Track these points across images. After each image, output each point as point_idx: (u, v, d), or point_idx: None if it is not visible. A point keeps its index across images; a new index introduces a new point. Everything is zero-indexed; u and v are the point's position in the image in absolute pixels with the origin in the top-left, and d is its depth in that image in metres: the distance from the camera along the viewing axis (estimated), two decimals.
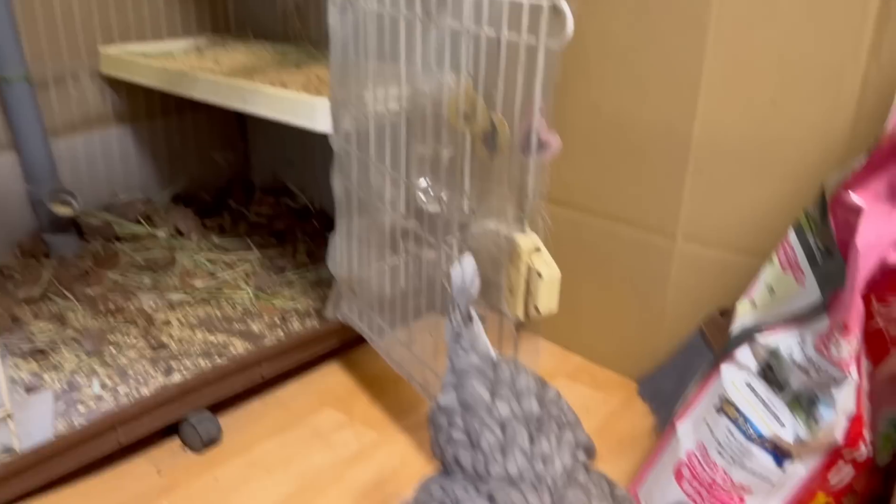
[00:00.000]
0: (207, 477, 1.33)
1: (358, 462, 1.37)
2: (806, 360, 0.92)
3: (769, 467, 0.97)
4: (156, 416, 1.33)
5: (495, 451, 0.77)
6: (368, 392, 1.56)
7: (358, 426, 1.46)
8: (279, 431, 1.44)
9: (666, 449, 1.11)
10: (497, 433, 0.79)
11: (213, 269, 1.81)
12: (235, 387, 1.44)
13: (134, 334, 1.57)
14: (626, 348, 1.60)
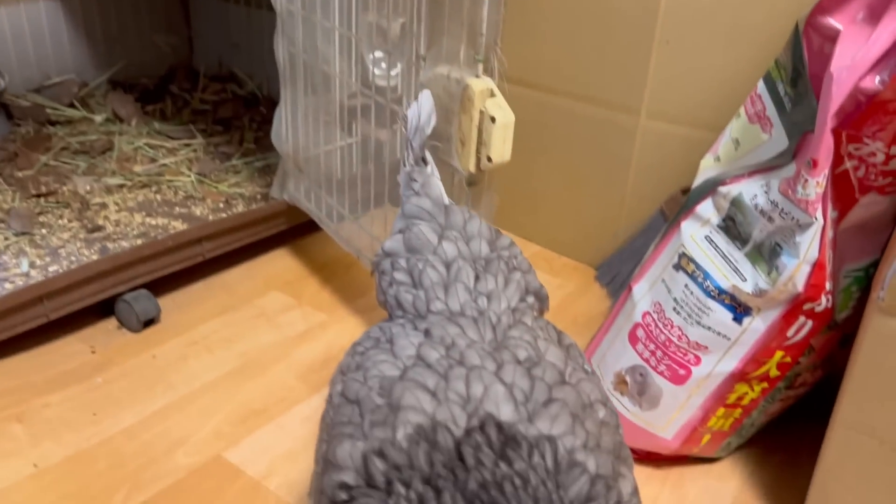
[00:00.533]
0: (145, 355, 1.27)
1: (305, 341, 1.32)
2: (770, 205, 0.88)
3: (727, 323, 0.93)
4: (87, 292, 1.26)
5: (437, 289, 0.72)
6: (318, 276, 1.50)
7: (306, 308, 1.41)
8: (222, 312, 1.38)
9: (620, 313, 1.07)
10: (440, 270, 0.73)
11: (154, 155, 1.71)
12: (174, 265, 1.36)
13: (67, 217, 1.47)
14: (585, 235, 1.55)
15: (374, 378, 0.61)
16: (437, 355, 0.61)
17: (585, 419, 0.57)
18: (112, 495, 1.00)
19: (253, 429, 1.13)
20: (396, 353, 0.63)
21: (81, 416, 1.13)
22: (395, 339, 0.66)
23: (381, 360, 0.63)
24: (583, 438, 0.56)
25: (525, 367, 0.60)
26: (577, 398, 0.59)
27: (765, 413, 1.03)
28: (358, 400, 0.60)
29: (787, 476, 1.08)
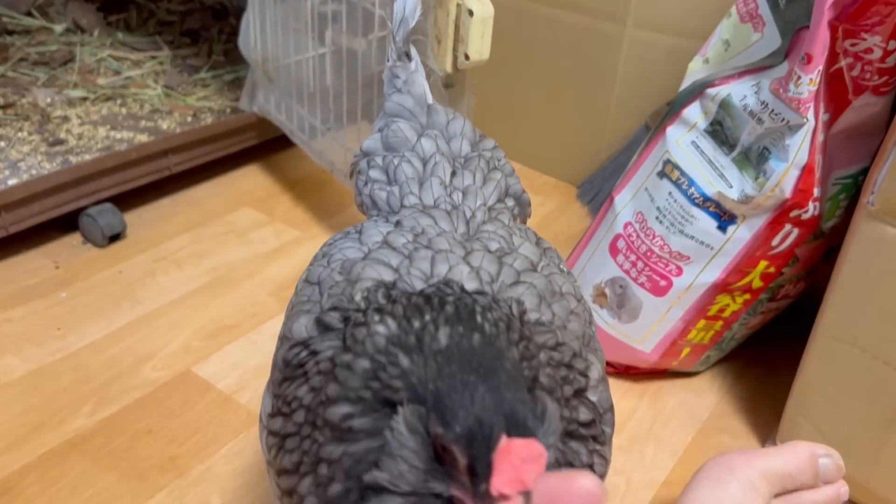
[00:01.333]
0: (111, 271, 1.22)
1: (277, 258, 1.28)
2: (760, 105, 0.84)
3: (711, 231, 0.90)
4: (48, 205, 1.20)
5: (411, 184, 0.68)
6: (291, 194, 1.45)
7: (279, 225, 1.36)
8: (191, 228, 1.33)
9: (601, 225, 1.03)
10: (416, 166, 0.69)
11: (118, 67, 1.63)
12: (140, 178, 1.31)
13: (27, 130, 1.40)
14: (567, 152, 1.51)
15: (337, 261, 0.58)
16: (403, 240, 0.58)
17: (553, 303, 0.55)
18: (78, 408, 0.97)
19: (223, 344, 1.10)
20: (363, 240, 0.60)
21: (45, 331, 1.09)
22: (364, 230, 0.62)
23: (346, 247, 0.60)
24: (549, 317, 0.53)
25: (496, 256, 0.57)
26: (548, 285, 0.56)
27: (746, 326, 1.02)
28: (319, 281, 0.57)
29: (765, 390, 1.07)
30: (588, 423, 0.50)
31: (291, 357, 0.51)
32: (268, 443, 0.52)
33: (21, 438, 0.93)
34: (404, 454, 0.39)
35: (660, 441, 0.99)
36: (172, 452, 0.93)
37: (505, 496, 0.35)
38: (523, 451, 0.36)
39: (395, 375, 0.40)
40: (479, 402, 0.37)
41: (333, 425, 0.43)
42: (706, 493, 0.76)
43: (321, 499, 0.44)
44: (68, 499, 0.86)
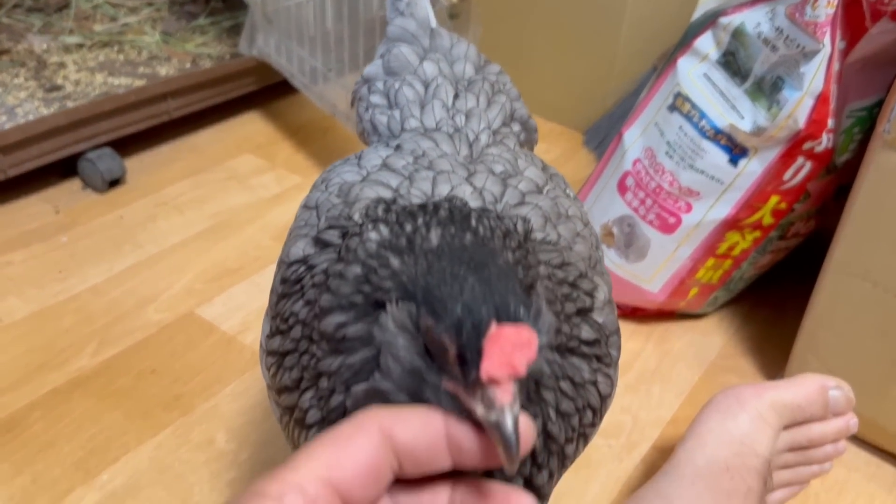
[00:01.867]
0: (111, 216, 1.21)
1: (279, 204, 1.26)
2: (775, 32, 0.81)
3: (722, 165, 0.89)
4: (46, 148, 1.18)
5: (412, 107, 0.66)
6: (293, 140, 1.43)
7: (280, 171, 1.34)
8: (192, 174, 1.32)
9: (609, 163, 1.02)
10: (418, 89, 0.67)
11: (115, 14, 1.60)
12: (139, 123, 1.28)
13: (23, 76, 1.37)
14: (573, 98, 1.48)
15: (335, 185, 0.56)
16: (403, 162, 0.56)
17: (559, 224, 0.53)
18: (81, 349, 0.97)
19: (226, 286, 1.09)
20: (362, 164, 0.58)
21: (46, 274, 1.08)
22: (364, 155, 0.61)
23: (345, 171, 0.58)
24: (554, 237, 0.52)
25: (500, 178, 0.55)
26: (553, 207, 0.55)
27: (755, 265, 1.00)
28: (317, 205, 0.55)
29: (772, 331, 1.06)
30: (591, 342, 0.49)
31: (290, 275, 0.50)
32: (267, 363, 0.51)
33: (25, 377, 0.92)
34: (394, 352, 0.38)
35: (666, 381, 0.98)
36: (177, 391, 0.92)
37: (495, 380, 0.34)
38: (513, 337, 0.35)
39: (385, 277, 0.39)
40: (468, 292, 0.36)
41: (329, 336, 0.42)
42: (715, 425, 0.75)
43: (323, 410, 0.44)
44: (74, 435, 0.86)
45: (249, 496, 0.30)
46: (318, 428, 0.45)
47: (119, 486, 0.81)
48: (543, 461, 0.45)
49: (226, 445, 0.86)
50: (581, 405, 0.47)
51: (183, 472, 0.83)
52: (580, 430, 0.47)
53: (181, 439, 0.87)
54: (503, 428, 0.33)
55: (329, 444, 0.33)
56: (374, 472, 0.33)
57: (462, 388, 0.36)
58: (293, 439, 0.48)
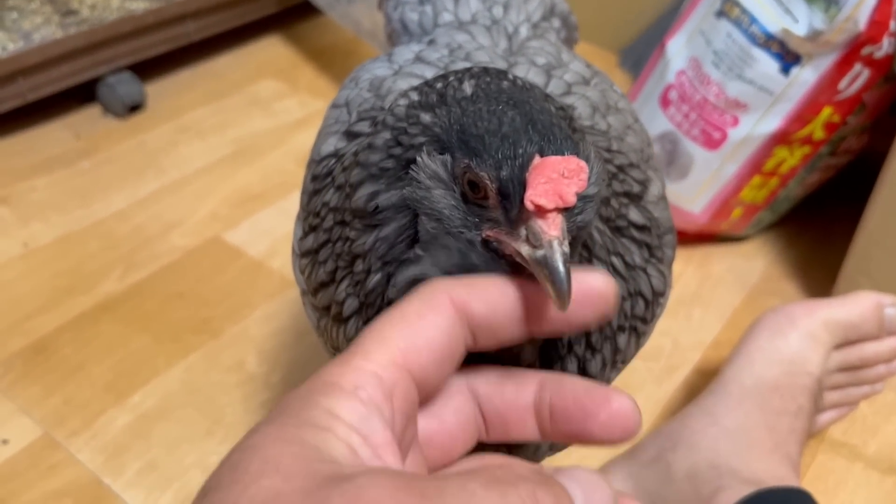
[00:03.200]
0: (132, 141, 1.18)
1: (302, 129, 1.23)
2: None
3: (772, 74, 0.83)
4: (65, 71, 1.15)
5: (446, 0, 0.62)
6: (315, 64, 1.38)
7: (303, 95, 1.30)
8: (213, 99, 1.28)
9: (650, 76, 0.96)
10: None
11: None
12: (158, 47, 1.24)
13: (38, 1, 1.33)
14: (607, 17, 1.41)
15: (366, 81, 0.52)
16: (438, 55, 0.53)
17: (608, 115, 0.49)
18: (107, 273, 0.95)
19: (252, 212, 1.06)
20: (394, 60, 0.54)
21: (70, 200, 1.06)
22: (395, 52, 0.57)
23: (375, 67, 0.54)
24: (604, 127, 0.48)
25: (543, 69, 0.51)
26: (602, 98, 0.51)
27: (802, 184, 0.96)
28: (346, 102, 0.52)
29: (817, 254, 1.02)
30: (641, 227, 0.45)
31: (320, 170, 0.47)
32: (301, 266, 0.48)
33: (52, 301, 0.91)
34: (429, 208, 0.35)
35: (707, 304, 0.95)
36: (205, 315, 0.91)
37: (541, 208, 0.31)
38: (561, 165, 0.31)
39: (416, 133, 0.36)
40: (508, 125, 0.33)
41: (360, 212, 0.38)
42: (765, 343, 0.72)
43: (360, 296, 0.41)
44: (103, 358, 0.85)
45: (321, 387, 0.27)
46: (356, 318, 0.42)
47: (151, 408, 0.80)
48: (598, 343, 0.43)
49: (257, 368, 0.85)
50: (633, 290, 0.44)
51: (214, 394, 0.82)
52: (632, 322, 0.45)
53: (211, 362, 0.85)
54: (550, 261, 0.30)
55: (399, 324, 0.29)
56: (450, 352, 0.30)
57: (504, 231, 0.33)
58: (332, 340, 0.45)
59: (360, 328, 0.42)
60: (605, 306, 0.32)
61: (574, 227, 0.34)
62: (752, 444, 0.65)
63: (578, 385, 0.32)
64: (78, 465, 0.75)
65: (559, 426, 0.32)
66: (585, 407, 0.31)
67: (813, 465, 0.78)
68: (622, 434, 0.31)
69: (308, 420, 0.26)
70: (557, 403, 0.31)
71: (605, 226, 0.42)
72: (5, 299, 0.91)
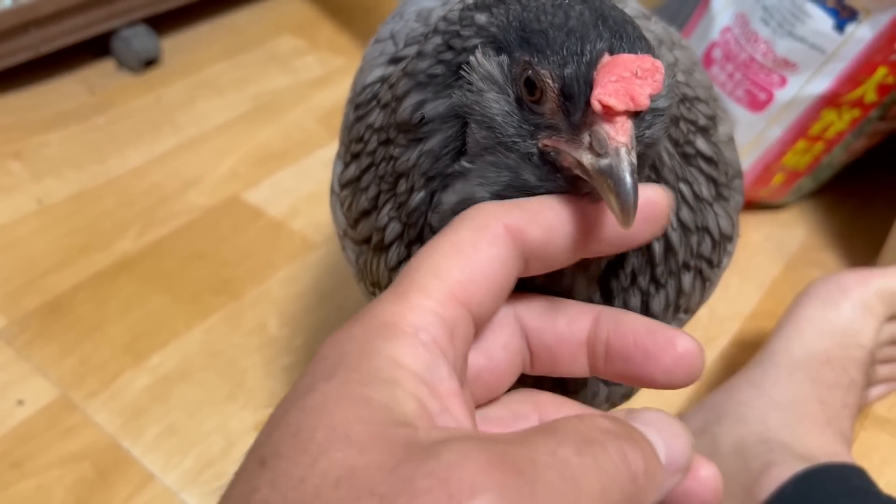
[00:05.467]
0: (148, 97, 1.15)
1: (323, 87, 1.19)
2: None
3: (826, 32, 0.79)
4: (78, 24, 1.11)
5: None
6: (335, 20, 1.34)
7: (323, 52, 1.26)
8: (231, 55, 1.24)
9: (693, 33, 0.92)
10: None
11: None
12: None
13: None
14: None
15: (412, 13, 0.49)
16: None
17: (675, 49, 0.46)
18: (124, 231, 0.92)
19: (272, 171, 1.03)
20: None
21: (85, 156, 1.03)
22: None
23: (422, 0, 0.50)
24: (671, 59, 0.44)
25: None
26: (666, 33, 0.47)
27: (847, 150, 0.91)
28: (392, 35, 0.48)
29: (858, 224, 0.98)
30: (708, 159, 0.41)
31: (363, 98, 0.43)
32: (341, 199, 0.45)
33: (68, 259, 0.88)
34: (480, 113, 0.31)
35: (745, 273, 0.92)
36: (225, 276, 0.88)
37: (609, 110, 0.27)
38: (633, 63, 0.28)
39: (470, 35, 0.32)
40: (575, 18, 0.29)
41: (405, 124, 0.35)
42: (815, 313, 0.69)
43: (403, 218, 0.38)
44: (121, 317, 0.82)
45: (378, 329, 0.25)
46: (397, 244, 0.39)
47: (170, 370, 0.78)
48: (663, 277, 0.40)
49: (279, 331, 0.82)
50: (700, 223, 0.41)
51: (235, 356, 0.79)
52: (697, 262, 0.42)
53: (232, 324, 0.83)
54: (617, 172, 0.27)
55: (453, 254, 0.27)
56: (506, 283, 0.28)
57: (564, 139, 0.29)
58: (371, 275, 0.42)
59: (401, 255, 0.39)
60: (662, 221, 0.29)
61: (642, 143, 0.31)
62: (804, 418, 0.61)
63: (639, 323, 0.29)
64: (95, 428, 0.73)
65: (615, 366, 0.29)
66: (647, 348, 0.28)
67: (857, 441, 0.75)
68: (685, 379, 0.28)
69: (372, 373, 0.23)
70: (615, 342, 0.29)
71: (675, 150, 0.39)
72: (20, 256, 0.88)
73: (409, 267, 0.27)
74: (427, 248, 0.28)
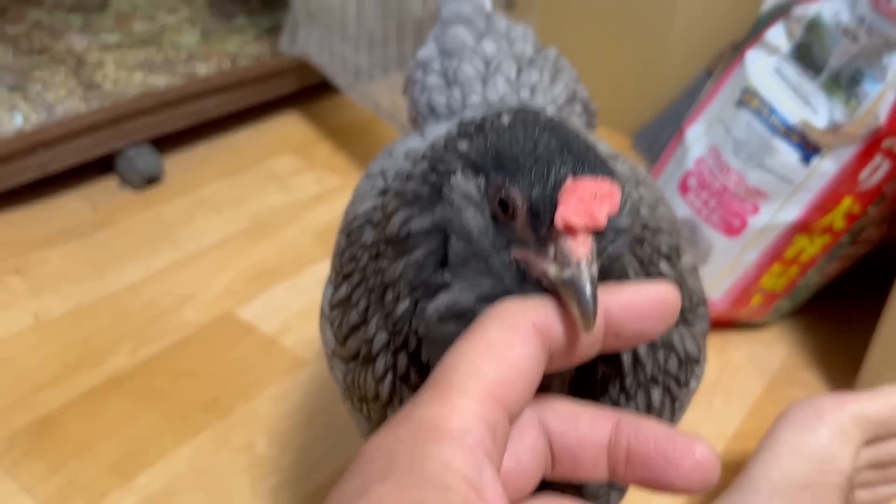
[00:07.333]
0: (148, 213, 1.19)
1: (319, 205, 1.23)
2: (856, 21, 0.77)
3: (793, 165, 0.84)
4: (85, 144, 1.17)
5: (474, 83, 0.63)
6: (332, 140, 1.40)
7: (319, 171, 1.31)
8: (230, 173, 1.29)
9: (669, 162, 0.97)
10: (478, 65, 0.64)
11: (153, 13, 1.58)
12: (178, 121, 1.26)
13: (63, 73, 1.36)
14: (621, 100, 1.44)
15: (401, 152, 0.53)
16: None
17: (639, 185, 0.49)
18: (118, 348, 0.94)
19: (266, 287, 1.05)
20: (426, 134, 0.55)
21: (83, 271, 1.06)
22: (426, 129, 0.58)
23: (409, 140, 0.55)
24: (636, 197, 0.47)
25: None
26: (632, 173, 0.51)
27: (822, 273, 0.95)
28: (382, 171, 0.51)
29: (838, 343, 1.00)
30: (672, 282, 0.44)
31: (355, 226, 0.46)
32: (330, 319, 0.47)
33: (61, 376, 0.89)
34: (459, 227, 0.35)
35: (728, 393, 0.93)
36: (215, 394, 0.89)
37: (571, 228, 0.31)
38: (593, 186, 0.32)
39: (452, 160, 0.37)
40: (542, 147, 0.33)
41: (393, 238, 0.39)
42: (792, 437, 0.70)
43: (389, 326, 0.40)
44: (110, 436, 0.83)
45: (427, 432, 0.25)
46: (384, 353, 0.41)
47: (157, 490, 0.78)
48: (632, 388, 0.42)
49: (267, 450, 0.82)
50: (665, 340, 0.44)
51: (222, 476, 0.80)
52: (665, 378, 0.44)
53: (220, 443, 0.83)
54: (578, 283, 0.30)
55: (488, 354, 0.28)
56: (536, 380, 0.29)
57: (533, 251, 0.33)
58: (359, 389, 0.44)
59: (388, 363, 0.41)
60: (670, 314, 0.32)
61: (605, 258, 0.34)
62: None
63: (659, 430, 0.30)
64: None
65: (636, 471, 0.30)
66: (668, 454, 0.29)
67: None
68: (702, 485, 0.30)
69: (426, 477, 0.24)
70: (637, 447, 0.30)
71: (640, 268, 0.42)
72: (13, 373, 0.90)
73: (444, 367, 0.28)
74: (460, 346, 0.29)
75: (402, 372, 0.41)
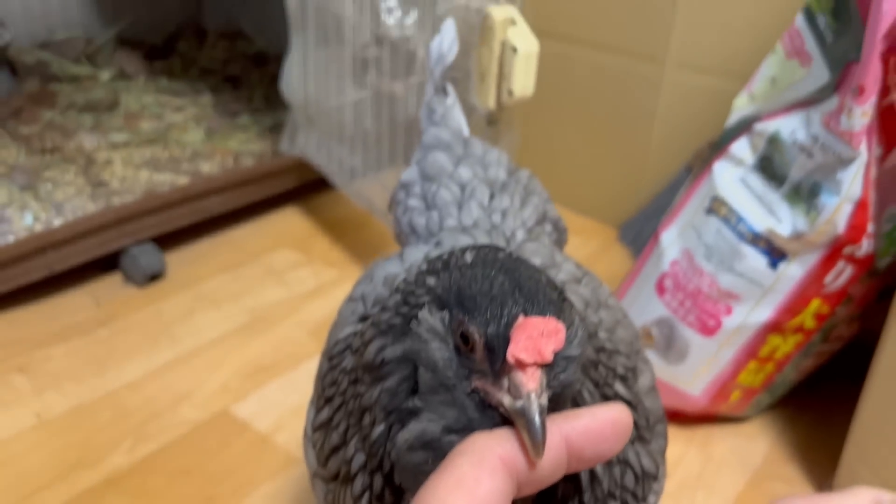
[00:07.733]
0: (150, 309, 1.23)
1: (315, 298, 1.28)
2: (810, 139, 0.82)
3: (761, 269, 0.88)
4: (91, 244, 1.22)
5: (450, 207, 0.68)
6: (329, 234, 1.45)
7: (317, 265, 1.36)
8: (230, 268, 1.34)
9: (647, 263, 1.01)
10: (454, 191, 0.70)
11: (161, 112, 1.66)
12: (181, 220, 1.32)
13: (73, 172, 1.43)
14: (606, 194, 1.50)
15: (380, 277, 0.57)
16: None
17: (600, 310, 0.53)
18: (116, 447, 0.97)
19: (261, 384, 1.09)
20: (405, 258, 0.60)
21: (85, 369, 1.09)
22: (405, 252, 0.63)
23: (388, 265, 0.60)
24: (595, 321, 0.52)
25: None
26: (593, 295, 0.55)
27: (797, 369, 0.98)
28: (362, 296, 0.56)
29: (819, 436, 1.03)
30: (627, 402, 0.48)
31: (336, 351, 0.51)
32: (313, 441, 0.51)
33: (60, 475, 0.92)
34: (425, 357, 0.39)
35: (710, 488, 0.95)
36: (209, 492, 0.91)
37: (521, 363, 0.35)
38: (540, 325, 0.36)
39: (421, 294, 0.41)
40: (497, 287, 0.38)
41: (369, 365, 0.43)
42: None
43: (366, 448, 0.44)
44: None
45: None
46: (362, 474, 0.44)
47: None
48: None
49: None
50: (621, 457, 0.47)
51: None
52: (622, 493, 0.47)
53: None
54: (528, 413, 0.34)
55: (458, 490, 0.30)
56: None
57: (490, 381, 0.37)
58: None
59: (365, 483, 0.45)
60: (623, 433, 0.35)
61: (558, 385, 0.38)
62: None
63: None
64: None
65: None
66: None
67: None
68: None
69: None
70: None
71: (596, 390, 0.46)
72: (14, 473, 0.92)
73: (417, 499, 0.31)
74: (431, 483, 0.32)
75: (377, 492, 0.45)
